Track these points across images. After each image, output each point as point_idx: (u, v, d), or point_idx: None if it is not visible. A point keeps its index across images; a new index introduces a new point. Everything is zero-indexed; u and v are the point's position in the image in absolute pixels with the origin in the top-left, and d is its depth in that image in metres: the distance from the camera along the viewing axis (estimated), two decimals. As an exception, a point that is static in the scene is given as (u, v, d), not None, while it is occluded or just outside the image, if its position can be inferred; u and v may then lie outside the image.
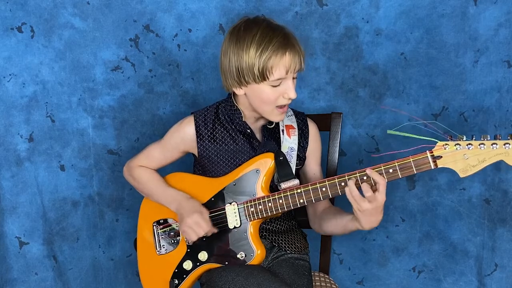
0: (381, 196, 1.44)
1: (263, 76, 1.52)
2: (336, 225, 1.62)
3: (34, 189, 2.23)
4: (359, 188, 1.46)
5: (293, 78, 1.57)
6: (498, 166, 2.14)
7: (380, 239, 2.28)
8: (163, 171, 1.80)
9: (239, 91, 1.59)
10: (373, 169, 1.45)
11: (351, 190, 1.46)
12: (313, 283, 1.74)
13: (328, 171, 1.88)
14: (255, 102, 1.59)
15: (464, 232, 2.22)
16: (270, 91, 1.55)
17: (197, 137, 1.68)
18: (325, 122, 1.88)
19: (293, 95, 1.55)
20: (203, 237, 1.63)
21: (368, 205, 1.45)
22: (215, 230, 1.61)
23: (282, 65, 1.51)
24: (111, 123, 2.22)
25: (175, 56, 2.17)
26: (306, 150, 1.72)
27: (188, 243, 1.67)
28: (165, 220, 1.74)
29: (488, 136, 1.37)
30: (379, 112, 2.17)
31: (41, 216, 2.25)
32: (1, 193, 2.22)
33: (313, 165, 1.75)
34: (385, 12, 2.09)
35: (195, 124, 1.68)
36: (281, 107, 1.58)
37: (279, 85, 1.54)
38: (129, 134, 2.23)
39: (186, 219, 1.60)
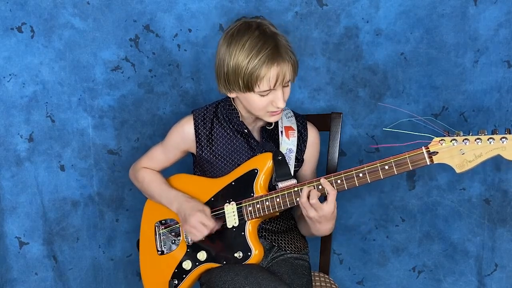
0: (328, 206, 1.46)
1: (247, 87, 1.51)
2: (304, 227, 1.69)
3: (34, 189, 2.23)
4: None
5: (285, 86, 1.55)
6: (498, 166, 2.14)
7: (380, 239, 2.28)
8: (164, 172, 1.81)
9: (230, 94, 1.60)
10: (369, 166, 1.46)
11: (300, 196, 1.49)
12: (313, 283, 1.74)
13: (328, 171, 1.88)
14: (246, 107, 1.60)
15: (464, 232, 2.22)
16: (259, 100, 1.54)
17: (196, 136, 1.68)
18: (325, 122, 1.88)
19: (281, 104, 1.53)
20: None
21: (314, 213, 1.48)
22: (219, 227, 1.61)
23: (267, 78, 1.49)
24: (111, 123, 2.22)
25: (175, 56, 2.17)
26: (304, 153, 1.73)
27: (188, 243, 1.67)
28: (167, 220, 1.75)
29: (486, 131, 1.36)
30: (379, 112, 2.17)
31: (41, 216, 2.25)
32: (1, 193, 2.22)
33: (306, 171, 1.75)
34: (385, 12, 2.09)
35: (194, 123, 1.68)
36: (272, 112, 1.58)
37: (267, 94, 1.53)
38: (129, 134, 2.23)
39: (190, 219, 1.60)
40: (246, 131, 1.67)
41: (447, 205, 2.21)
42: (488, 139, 1.34)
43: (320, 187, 1.49)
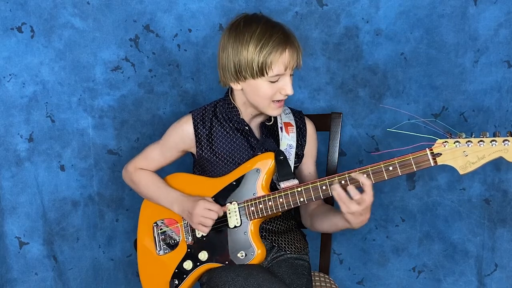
0: (368, 196, 1.45)
1: (261, 71, 1.52)
2: (326, 223, 1.64)
3: (34, 189, 2.23)
4: (346, 190, 1.47)
5: (290, 75, 1.57)
6: (498, 166, 2.14)
7: (380, 239, 2.28)
8: (162, 172, 1.80)
9: (236, 86, 1.60)
10: (373, 167, 1.46)
11: (338, 193, 1.47)
12: (313, 283, 1.74)
13: (328, 171, 1.88)
14: (252, 97, 1.60)
15: (464, 232, 2.22)
16: (268, 87, 1.55)
17: (196, 136, 1.68)
18: (325, 122, 1.88)
19: (290, 91, 1.56)
20: (204, 236, 1.63)
21: (357, 207, 1.46)
22: (225, 209, 1.61)
23: (281, 61, 1.52)
24: (111, 123, 2.22)
25: (175, 56, 2.17)
26: (304, 148, 1.73)
27: (195, 239, 1.66)
28: (166, 220, 1.74)
29: (487, 133, 1.37)
30: (379, 112, 2.17)
31: (41, 216, 2.25)
32: (1, 193, 2.22)
33: (309, 165, 1.75)
34: (385, 12, 2.09)
35: (193, 123, 1.68)
36: (277, 102, 1.58)
37: (276, 81, 1.55)
38: (129, 134, 2.23)
39: (195, 211, 1.59)
40: (247, 128, 1.67)
41: (447, 205, 2.21)
42: (490, 141, 1.36)
43: (365, 175, 1.47)
